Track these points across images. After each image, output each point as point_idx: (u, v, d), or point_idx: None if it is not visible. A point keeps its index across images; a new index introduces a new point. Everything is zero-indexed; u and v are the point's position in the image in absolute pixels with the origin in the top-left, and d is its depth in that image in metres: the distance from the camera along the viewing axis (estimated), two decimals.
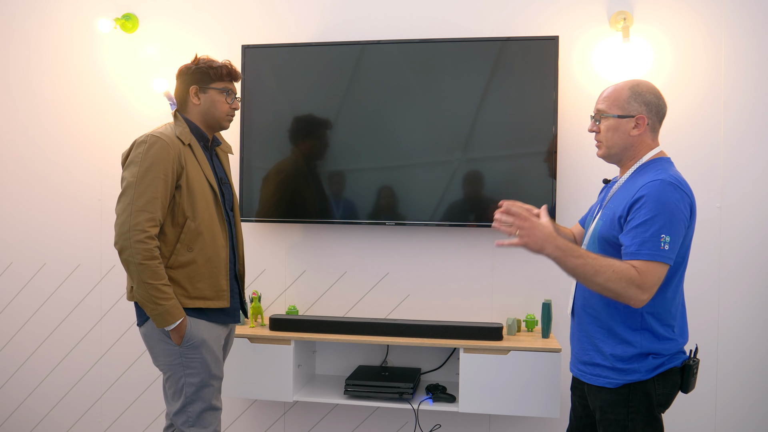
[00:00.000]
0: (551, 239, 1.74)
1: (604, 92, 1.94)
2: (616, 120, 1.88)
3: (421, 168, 2.87)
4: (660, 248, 1.71)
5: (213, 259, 2.18)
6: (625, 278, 1.70)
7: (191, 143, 2.19)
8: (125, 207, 2.05)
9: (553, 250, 1.74)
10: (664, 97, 1.92)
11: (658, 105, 1.89)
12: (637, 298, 1.71)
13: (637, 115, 1.87)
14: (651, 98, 1.88)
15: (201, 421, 2.18)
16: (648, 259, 1.71)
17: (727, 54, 2.77)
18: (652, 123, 1.89)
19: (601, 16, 2.83)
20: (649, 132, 1.89)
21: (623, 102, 1.88)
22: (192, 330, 2.14)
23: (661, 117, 1.91)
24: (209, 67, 2.23)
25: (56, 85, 3.25)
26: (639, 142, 1.89)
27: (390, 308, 3.00)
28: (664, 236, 1.71)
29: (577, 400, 2.05)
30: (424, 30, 2.93)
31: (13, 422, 3.34)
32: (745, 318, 2.77)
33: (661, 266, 1.72)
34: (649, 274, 1.71)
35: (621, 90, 1.90)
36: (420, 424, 2.92)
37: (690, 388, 1.86)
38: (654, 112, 1.88)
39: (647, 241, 1.72)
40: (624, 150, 1.90)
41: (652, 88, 1.91)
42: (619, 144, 1.90)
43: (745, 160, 2.76)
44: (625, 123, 1.88)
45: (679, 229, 1.75)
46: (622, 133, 1.88)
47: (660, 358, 1.83)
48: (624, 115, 1.88)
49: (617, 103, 1.88)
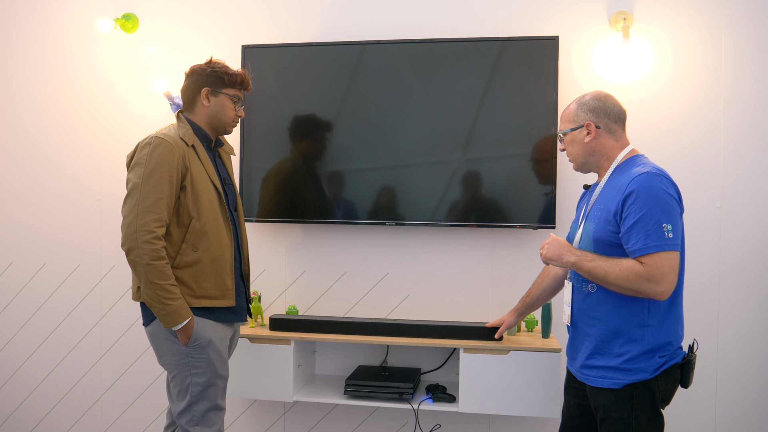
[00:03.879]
0: (567, 249, 1.93)
1: (561, 113, 2.07)
2: (571, 133, 2.00)
3: (421, 168, 2.87)
4: (665, 237, 1.77)
5: (218, 258, 2.19)
6: (632, 274, 1.77)
7: (194, 144, 2.20)
8: (131, 208, 2.07)
9: (570, 257, 1.91)
10: (612, 98, 2.00)
11: (604, 108, 1.97)
12: (653, 291, 1.77)
13: (585, 123, 1.96)
14: (595, 104, 1.97)
15: (205, 421, 2.19)
16: (656, 251, 1.76)
17: (727, 54, 2.77)
18: (605, 125, 1.97)
19: (601, 16, 2.83)
20: (607, 134, 1.97)
21: (572, 115, 2.00)
22: (199, 330, 2.15)
23: (614, 117, 1.98)
24: (225, 73, 2.24)
25: (56, 85, 3.25)
26: (599, 146, 1.98)
27: (390, 308, 3.00)
28: (666, 225, 1.77)
29: (573, 400, 2.07)
30: (424, 30, 2.93)
31: (13, 422, 3.34)
32: (745, 318, 2.77)
33: (670, 254, 1.77)
34: (657, 266, 1.76)
35: (570, 106, 2.03)
36: (420, 424, 2.92)
37: (689, 382, 1.91)
38: (602, 115, 1.97)
39: (651, 234, 1.77)
40: (588, 157, 2.00)
41: (596, 94, 2.01)
42: (580, 154, 2.00)
43: (745, 160, 2.76)
44: (578, 133, 1.99)
45: (675, 215, 1.81)
46: (578, 143, 1.99)
47: (665, 355, 1.86)
48: (575, 127, 1.99)
49: (568, 118, 2.02)
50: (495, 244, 2.91)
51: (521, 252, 2.87)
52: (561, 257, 1.92)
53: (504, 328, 2.51)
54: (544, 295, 2.37)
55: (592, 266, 1.85)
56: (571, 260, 1.90)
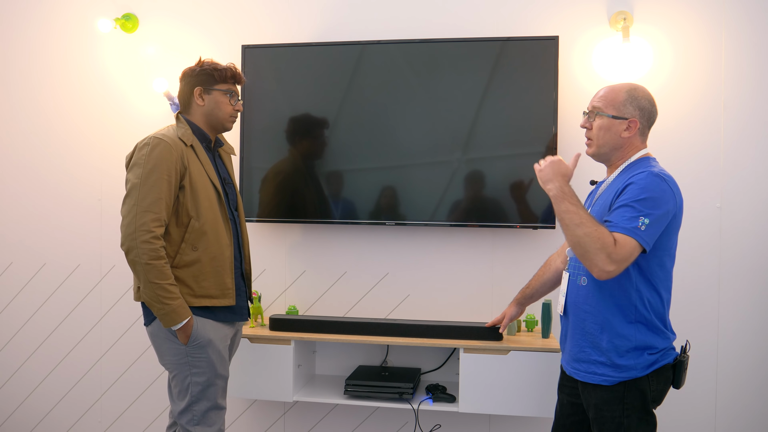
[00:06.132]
0: (561, 179, 1.86)
1: (601, 91, 1.99)
2: (610, 120, 1.93)
3: (421, 168, 2.87)
4: (637, 227, 1.76)
5: (218, 257, 2.20)
6: (602, 242, 1.74)
7: (193, 144, 2.21)
8: (130, 208, 2.08)
9: (556, 187, 1.85)
10: (656, 105, 1.98)
11: (650, 111, 1.96)
12: (602, 267, 1.75)
13: (630, 118, 1.92)
14: (645, 104, 1.94)
15: (206, 420, 2.19)
16: (623, 233, 1.76)
17: (727, 54, 2.77)
18: (643, 127, 1.96)
19: (601, 16, 2.83)
20: (639, 135, 1.96)
21: (619, 104, 1.93)
22: (198, 329, 2.15)
23: (651, 123, 1.98)
24: (214, 69, 2.25)
25: (56, 85, 3.25)
26: (628, 143, 1.95)
27: (390, 308, 3.00)
28: (643, 218, 1.76)
29: (566, 398, 2.07)
30: (424, 30, 2.93)
31: (13, 422, 3.34)
32: (745, 318, 2.77)
33: (634, 244, 1.76)
34: (621, 248, 1.75)
35: (619, 91, 1.95)
36: (420, 424, 2.92)
37: (681, 383, 1.91)
38: (646, 117, 1.95)
39: (626, 219, 1.77)
40: (613, 150, 1.96)
41: (648, 94, 1.97)
42: (609, 144, 1.95)
43: (745, 160, 2.76)
44: (618, 124, 1.93)
45: (660, 217, 1.79)
46: (613, 133, 1.94)
47: (654, 354, 1.86)
48: (618, 117, 1.93)
49: (613, 104, 1.94)
50: (495, 244, 2.91)
51: (521, 252, 2.87)
52: (550, 181, 1.86)
53: (507, 321, 2.49)
54: (545, 287, 2.36)
55: (571, 209, 1.79)
56: (555, 192, 1.84)
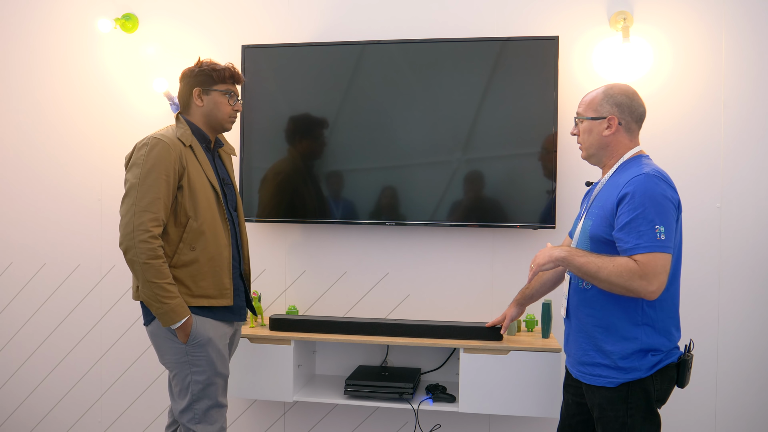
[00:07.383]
0: (554, 249, 1.91)
1: (585, 97, 2.02)
2: (590, 122, 1.97)
3: (421, 168, 2.87)
4: (657, 239, 1.76)
5: (216, 257, 2.20)
6: (626, 271, 1.75)
7: (192, 144, 2.21)
8: (129, 208, 2.08)
9: (560, 253, 1.89)
10: (638, 97, 1.97)
11: (630, 105, 1.95)
12: (645, 290, 1.75)
13: (608, 116, 1.94)
14: (622, 99, 1.94)
15: (207, 418, 2.20)
16: (647, 251, 1.75)
17: (727, 54, 2.77)
18: (626, 123, 1.95)
19: (601, 16, 2.83)
20: (624, 132, 1.96)
21: (596, 105, 1.97)
22: (198, 328, 2.16)
23: (636, 117, 1.96)
24: (212, 70, 2.25)
25: (56, 85, 3.25)
26: (614, 142, 1.95)
27: (390, 308, 3.00)
28: (658, 227, 1.76)
29: (571, 398, 2.08)
30: (424, 30, 2.93)
31: (13, 422, 3.34)
32: (745, 318, 2.77)
33: (661, 256, 1.76)
34: (650, 265, 1.74)
35: (596, 94, 1.99)
36: (420, 424, 2.92)
37: (686, 382, 1.91)
38: (627, 112, 1.95)
39: (643, 234, 1.76)
40: (600, 150, 1.97)
41: (626, 89, 1.97)
42: (594, 145, 1.97)
43: (745, 160, 2.76)
44: (598, 124, 1.96)
45: (670, 218, 1.80)
46: (596, 134, 1.96)
47: (658, 354, 1.86)
48: (596, 117, 1.96)
49: (591, 106, 1.98)
50: (495, 244, 2.91)
51: (521, 252, 2.87)
52: (551, 255, 1.90)
53: (508, 322, 2.49)
54: (544, 287, 2.36)
55: (583, 261, 1.83)
56: (561, 255, 1.88)
